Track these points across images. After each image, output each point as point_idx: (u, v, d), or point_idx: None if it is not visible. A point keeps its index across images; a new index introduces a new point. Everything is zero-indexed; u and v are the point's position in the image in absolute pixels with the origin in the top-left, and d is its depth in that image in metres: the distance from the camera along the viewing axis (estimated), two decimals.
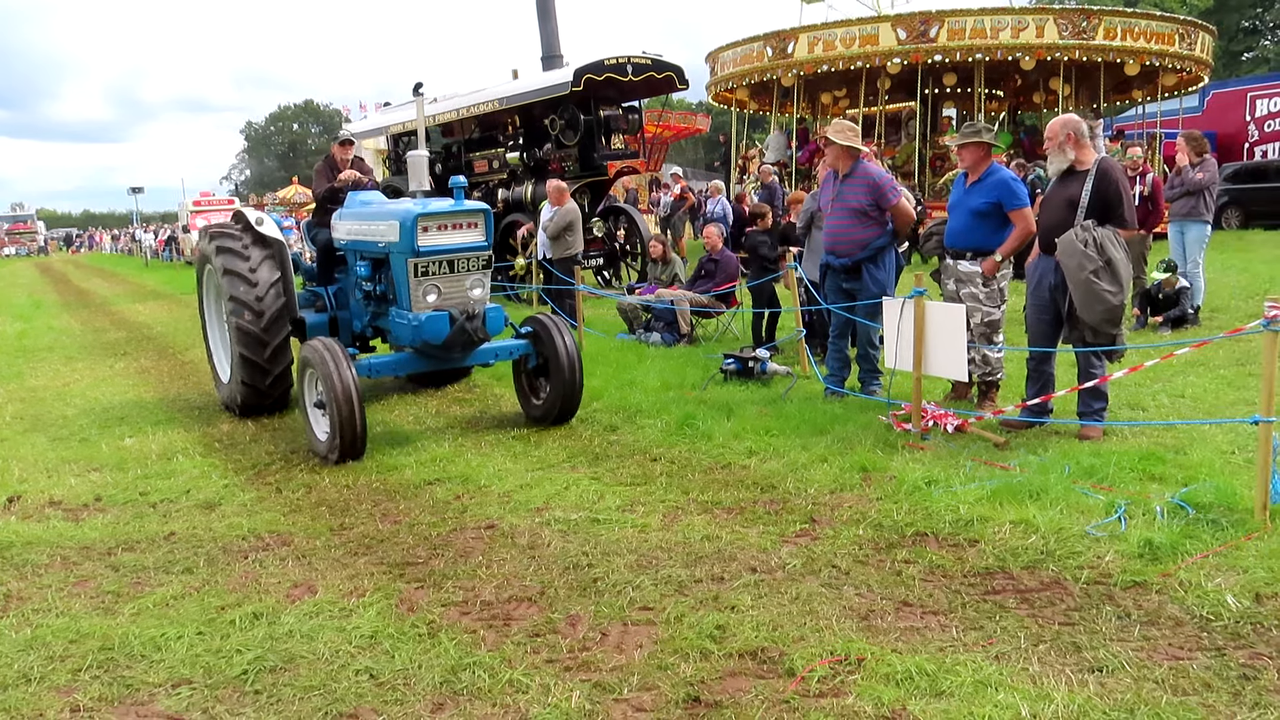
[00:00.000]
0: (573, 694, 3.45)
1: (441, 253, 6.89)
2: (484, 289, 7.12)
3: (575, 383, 7.23)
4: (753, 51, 22.82)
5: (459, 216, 6.95)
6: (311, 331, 8.14)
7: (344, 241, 8.03)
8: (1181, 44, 21.16)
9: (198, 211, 39.33)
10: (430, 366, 7.43)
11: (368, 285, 7.74)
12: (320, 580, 4.63)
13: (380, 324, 7.88)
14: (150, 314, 19.31)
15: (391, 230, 6.97)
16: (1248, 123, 29.06)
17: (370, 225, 7.43)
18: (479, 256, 7.08)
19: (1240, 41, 47.78)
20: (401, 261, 6.94)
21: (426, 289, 6.91)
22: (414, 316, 6.89)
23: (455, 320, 6.79)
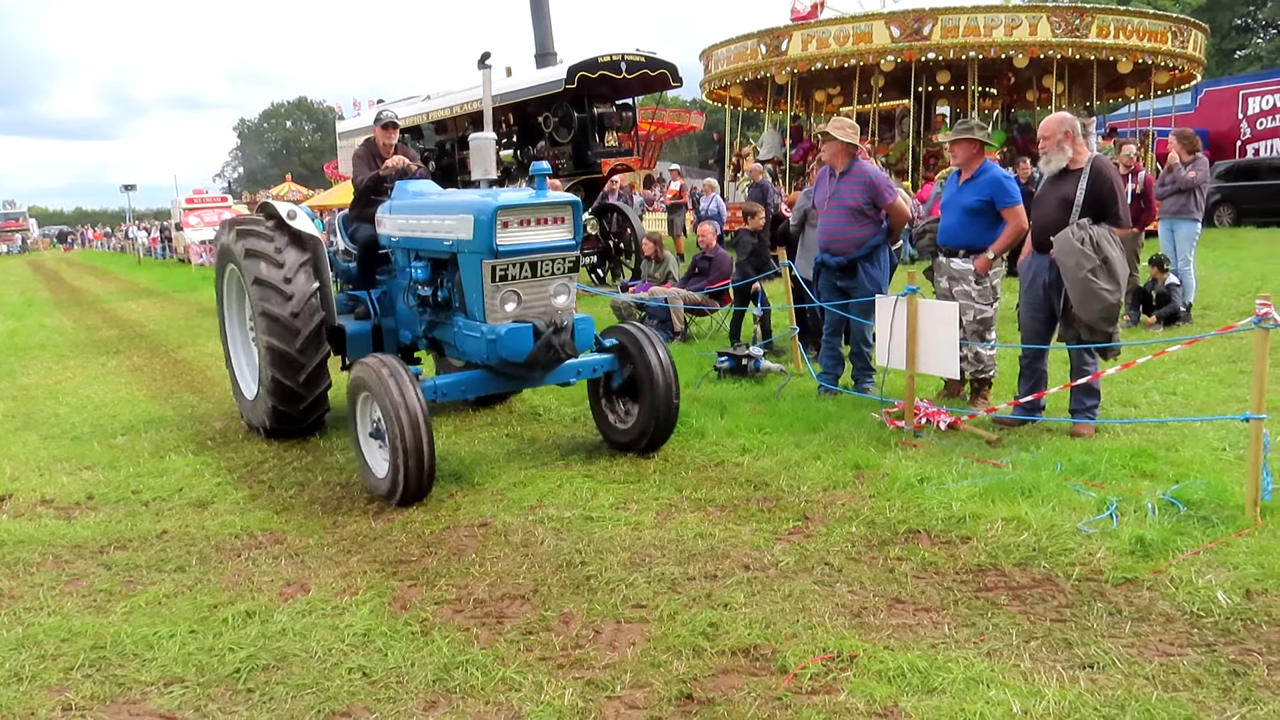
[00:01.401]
0: (565, 692, 3.45)
1: (523, 253, 5.79)
2: (569, 296, 6.05)
3: (671, 403, 6.26)
4: (746, 49, 22.83)
5: (544, 210, 5.83)
6: (352, 342, 7.10)
7: (394, 239, 6.84)
8: (1174, 42, 21.22)
9: (190, 209, 39.28)
10: (504, 387, 6.37)
11: (424, 290, 6.53)
12: (313, 578, 4.62)
13: (438, 335, 6.72)
14: (143, 312, 19.26)
15: (462, 226, 5.83)
16: (1240, 120, 29.17)
17: (431, 220, 6.30)
18: (565, 258, 5.98)
19: (1233, 39, 47.91)
20: (474, 263, 5.80)
21: (505, 296, 5.82)
22: (489, 329, 5.78)
23: (540, 334, 5.72)
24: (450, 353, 6.68)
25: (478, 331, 5.88)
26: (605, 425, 6.70)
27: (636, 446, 6.40)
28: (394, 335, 7.28)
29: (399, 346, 7.28)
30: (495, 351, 5.77)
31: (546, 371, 6.05)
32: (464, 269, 5.98)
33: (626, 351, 6.37)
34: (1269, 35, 48.79)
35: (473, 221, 5.72)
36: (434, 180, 7.79)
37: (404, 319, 7.13)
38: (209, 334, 14.53)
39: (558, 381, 6.30)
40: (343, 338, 7.08)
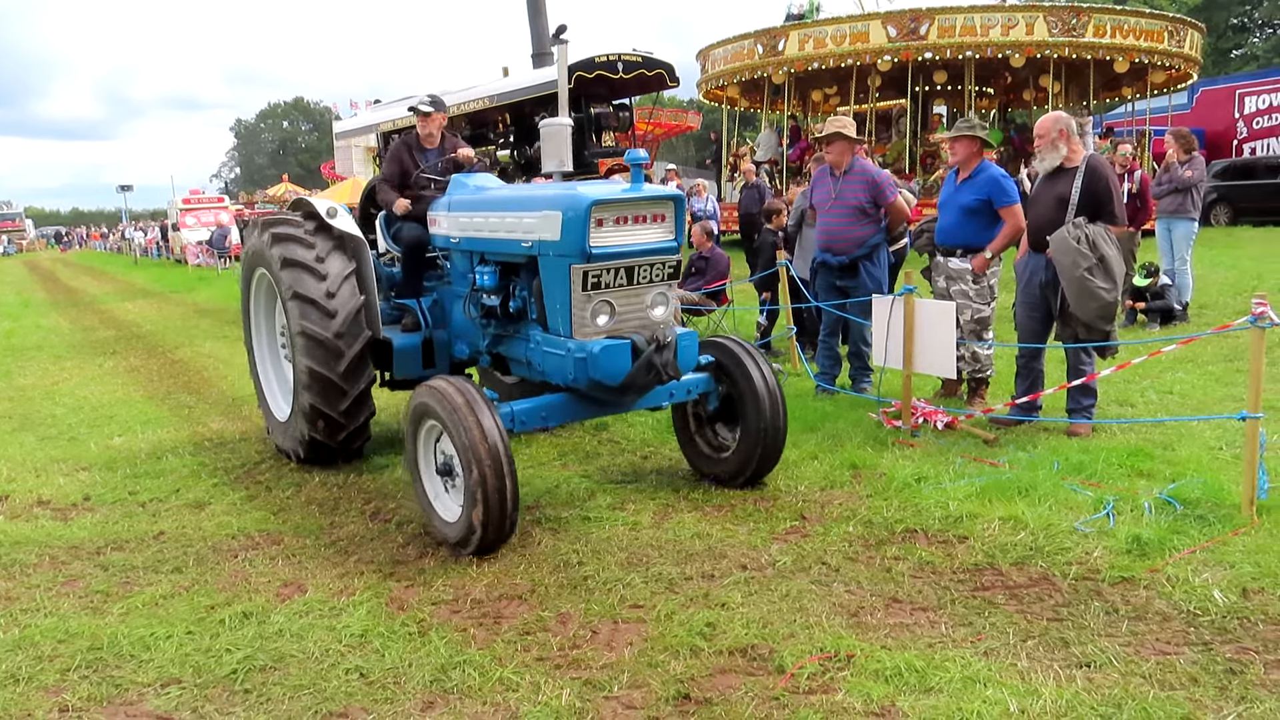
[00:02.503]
0: (563, 692, 3.45)
1: (620, 256, 4.92)
2: (668, 307, 5.18)
3: (779, 428, 5.48)
4: (743, 49, 22.82)
5: (642, 205, 4.97)
6: (399, 358, 6.34)
7: (454, 240, 6.03)
8: (1170, 41, 21.23)
9: (187, 210, 39.24)
10: (590, 413, 5.44)
11: (491, 299, 5.68)
12: (310, 579, 4.62)
13: (505, 350, 5.87)
14: (140, 312, 19.24)
15: (546, 224, 5.00)
16: (1236, 120, 29.18)
17: (504, 218, 5.45)
18: (665, 263, 5.10)
19: (1229, 39, 47.97)
20: (561, 268, 4.94)
21: (597, 308, 4.95)
22: (578, 346, 4.93)
23: (639, 352, 4.90)
24: (519, 370, 5.84)
25: (562, 348, 5.02)
26: (696, 456, 5.92)
27: (737, 479, 5.59)
28: (446, 349, 6.49)
29: (452, 362, 6.54)
30: (585, 372, 4.90)
31: (640, 395, 5.23)
32: (546, 275, 5.12)
33: (723, 369, 5.56)
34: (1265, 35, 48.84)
35: (561, 219, 4.86)
36: None
37: (460, 331, 6.32)
38: (206, 335, 14.53)
39: (648, 406, 5.46)
40: (388, 353, 6.31)
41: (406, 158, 6.68)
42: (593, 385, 4.99)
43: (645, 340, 4.92)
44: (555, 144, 6.09)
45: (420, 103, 6.73)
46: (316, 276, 5.98)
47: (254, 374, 7.24)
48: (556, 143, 6.07)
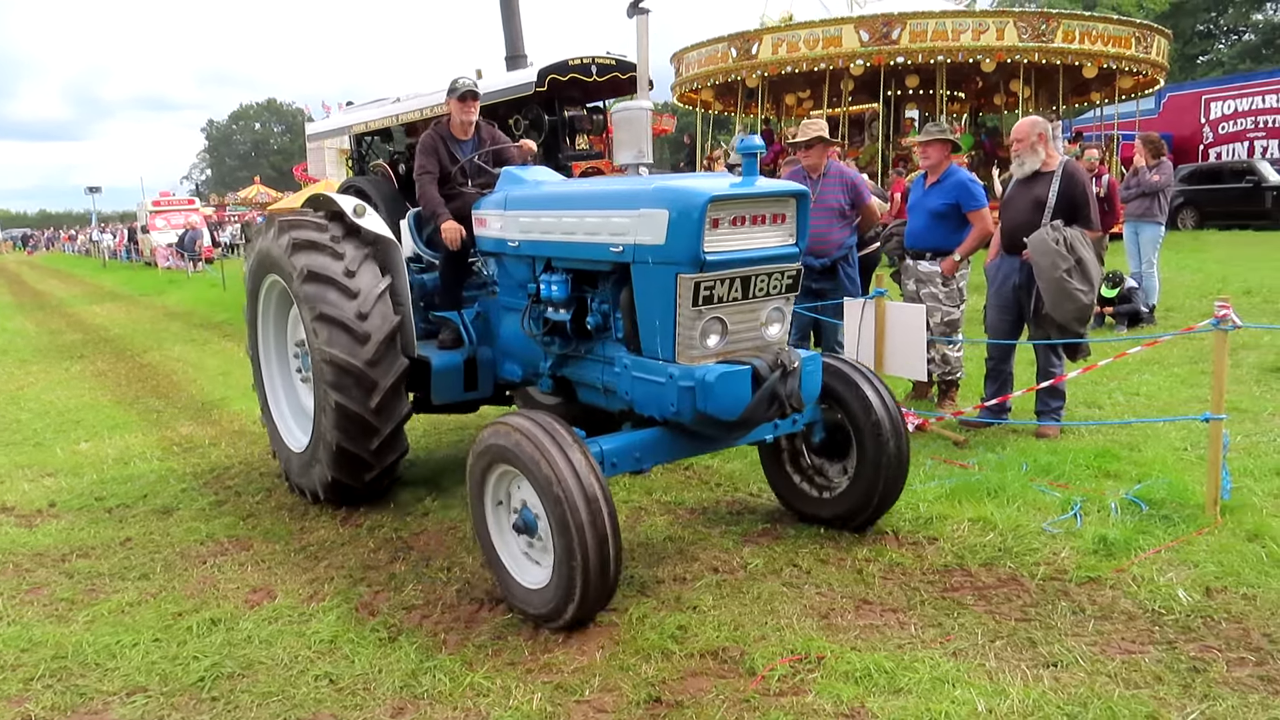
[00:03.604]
0: (534, 696, 3.45)
1: (737, 264, 4.09)
2: (784, 325, 4.39)
3: (903, 461, 4.70)
4: (717, 52, 22.91)
5: (763, 203, 4.16)
6: (440, 381, 5.47)
7: (512, 244, 5.12)
8: (1138, 47, 21.51)
9: (157, 212, 38.82)
10: (691, 451, 4.60)
11: (558, 313, 4.82)
12: (279, 585, 4.58)
13: (572, 373, 5.02)
14: (108, 315, 19.01)
15: (646, 225, 4.13)
16: (1203, 125, 29.63)
17: (584, 218, 4.56)
18: (785, 272, 4.27)
19: (1195, 45, 48.63)
20: (664, 279, 4.08)
21: (708, 326, 4.12)
22: (683, 372, 4.07)
23: (761, 379, 4.07)
24: (591, 397, 4.99)
25: (661, 374, 4.15)
26: (795, 496, 5.06)
27: (851, 522, 4.82)
28: (491, 369, 5.66)
29: (496, 383, 5.74)
30: (693, 404, 4.03)
31: (751, 430, 4.40)
32: (642, 286, 4.24)
33: (833, 393, 4.72)
34: (1230, 41, 49.59)
35: (667, 219, 4.02)
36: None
37: (512, 348, 5.47)
38: (175, 338, 14.39)
39: (750, 441, 4.65)
40: (426, 374, 5.45)
41: (444, 151, 5.74)
42: (700, 419, 4.10)
43: (768, 365, 4.09)
44: (634, 131, 5.03)
45: (462, 81, 5.77)
46: (346, 294, 5.16)
47: (260, 392, 6.34)
48: (635, 129, 5.02)
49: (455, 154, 5.78)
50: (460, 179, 5.77)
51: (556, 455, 3.76)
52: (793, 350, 4.29)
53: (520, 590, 4.07)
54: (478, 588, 4.43)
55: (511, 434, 3.92)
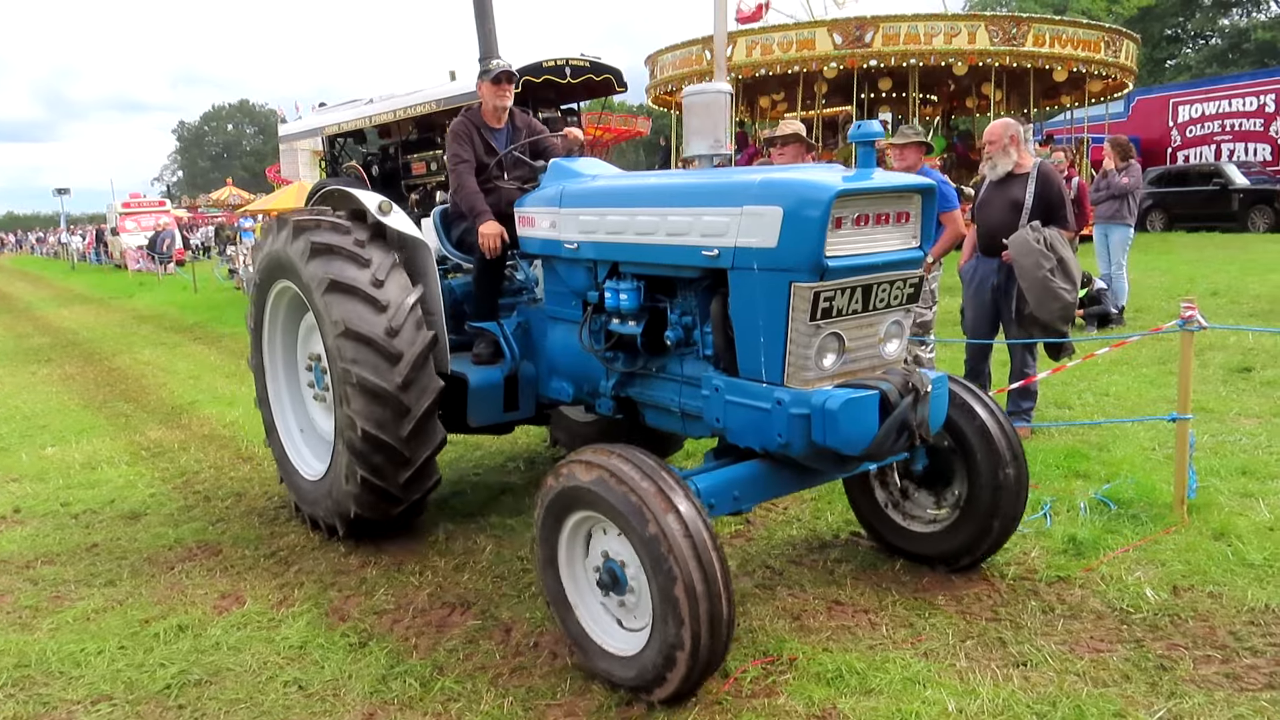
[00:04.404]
0: (505, 700, 3.43)
1: (859, 271, 3.55)
2: (902, 341, 3.84)
3: (1021, 491, 4.14)
4: (691, 55, 22.97)
5: (887, 200, 3.60)
6: (477, 401, 4.88)
7: (569, 245, 4.50)
8: (1107, 51, 21.76)
9: (127, 214, 38.39)
10: (793, 486, 4.02)
11: (628, 325, 4.24)
12: (248, 590, 4.54)
13: (642, 394, 4.43)
14: (76, 319, 18.77)
15: (752, 224, 3.55)
16: (1171, 128, 30.00)
17: (668, 216, 3.95)
18: (907, 280, 3.74)
19: (1163, 49, 49.25)
20: (773, 287, 3.51)
21: (825, 343, 3.56)
22: (796, 397, 3.50)
23: (890, 405, 3.49)
24: (662, 421, 4.43)
25: (765, 399, 3.58)
26: (891, 531, 4.50)
27: (961, 558, 4.25)
28: (533, 387, 5.07)
29: (538, 403, 5.15)
30: (808, 435, 3.47)
31: (863, 463, 3.86)
32: (743, 296, 3.66)
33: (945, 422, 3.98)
34: (1198, 46, 50.26)
35: (780, 217, 3.45)
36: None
37: (561, 365, 4.88)
38: (145, 341, 14.22)
39: (849, 473, 4.09)
40: (463, 393, 4.88)
41: (479, 140, 5.14)
42: (815, 453, 3.54)
43: (897, 390, 3.51)
44: (710, 118, 4.41)
45: (495, 63, 5.17)
46: (374, 307, 4.59)
47: (265, 411, 5.71)
48: (712, 116, 4.40)
49: (491, 143, 5.18)
50: (496, 172, 5.14)
51: (658, 503, 3.17)
52: (921, 371, 3.70)
53: (604, 657, 3.49)
54: (449, 592, 4.40)
55: (599, 474, 3.32)
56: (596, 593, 3.58)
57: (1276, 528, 4.55)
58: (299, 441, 5.54)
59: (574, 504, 3.48)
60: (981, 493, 4.11)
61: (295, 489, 5.40)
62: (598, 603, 3.59)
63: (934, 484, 4.39)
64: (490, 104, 5.19)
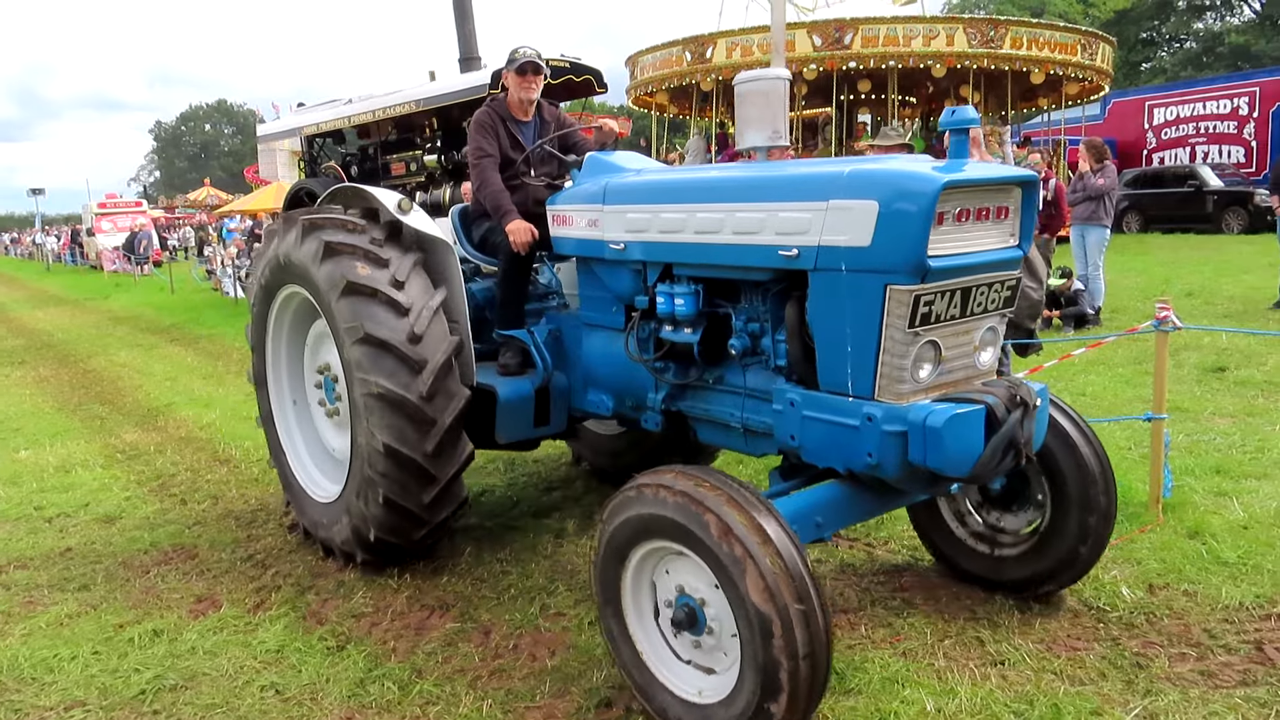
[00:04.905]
0: (484, 703, 3.42)
1: (959, 272, 3.24)
2: (996, 349, 3.54)
3: (1111, 512, 3.82)
4: (672, 56, 22.98)
5: (988, 194, 3.31)
6: (507, 416, 4.52)
7: (615, 246, 4.13)
8: (1084, 54, 21.95)
9: (103, 214, 38.04)
10: (873, 510, 3.72)
11: (684, 332, 3.92)
12: (225, 594, 4.50)
13: (695, 408, 4.10)
14: (51, 320, 18.57)
15: (843, 221, 3.21)
16: (1146, 131, 30.26)
17: (735, 212, 3.60)
18: (1005, 282, 3.43)
19: (1139, 52, 49.72)
20: (865, 291, 3.19)
21: (922, 352, 3.25)
22: (889, 413, 3.17)
23: (998, 420, 3.17)
24: (715, 437, 4.14)
25: (853, 415, 3.25)
26: (960, 551, 4.16)
27: (1037, 587, 3.93)
28: (565, 400, 4.72)
29: (570, 416, 4.80)
30: (903, 454, 3.15)
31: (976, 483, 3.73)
32: (826, 300, 3.33)
33: None
34: (1173, 49, 50.78)
35: (876, 212, 3.12)
36: None
37: (600, 376, 4.53)
38: (121, 343, 14.09)
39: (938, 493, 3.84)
40: (491, 406, 4.50)
41: (504, 134, 4.82)
42: (910, 473, 3.20)
43: (1004, 404, 3.19)
44: (768, 106, 4.04)
45: (522, 51, 4.83)
46: (395, 310, 4.23)
47: (269, 428, 5.30)
48: (770, 104, 4.03)
49: (517, 137, 4.86)
50: (523, 168, 4.83)
51: (748, 531, 2.80)
52: (1025, 383, 3.39)
53: (679, 706, 3.12)
54: (428, 594, 4.38)
55: (675, 498, 2.96)
56: (668, 633, 3.23)
57: (1250, 526, 4.60)
58: (306, 462, 5.15)
59: (644, 533, 3.11)
60: (1069, 515, 3.78)
61: (305, 513, 4.98)
62: (668, 643, 3.25)
63: (1010, 503, 4.03)
64: (516, 95, 4.86)
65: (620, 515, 3.15)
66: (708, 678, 3.13)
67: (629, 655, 3.27)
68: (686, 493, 2.94)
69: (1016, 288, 3.50)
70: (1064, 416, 3.81)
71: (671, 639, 3.23)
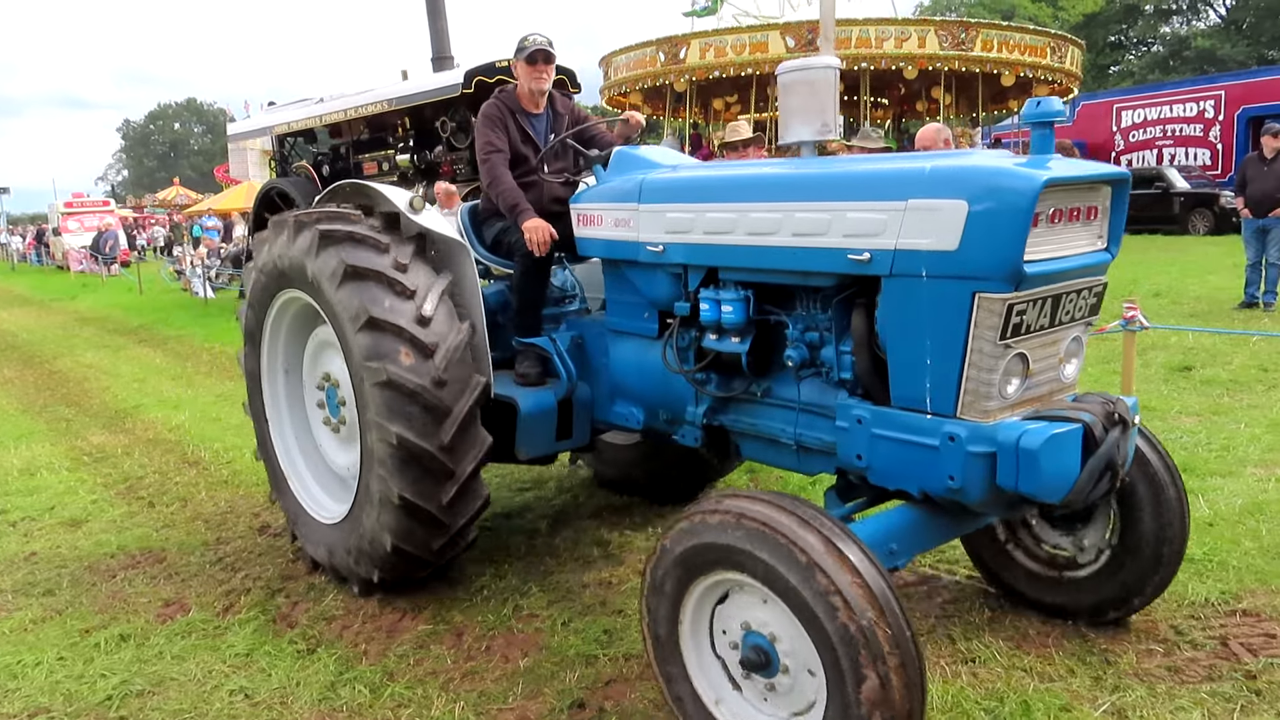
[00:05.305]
0: (456, 705, 3.40)
1: (1051, 279, 2.96)
2: (1080, 360, 3.33)
3: (1184, 530, 3.60)
4: (645, 56, 23.04)
5: (1079, 193, 3.04)
6: (529, 428, 4.24)
7: (653, 248, 3.83)
8: (1053, 56, 22.23)
9: (70, 214, 37.54)
10: (945, 535, 3.45)
11: (728, 341, 3.63)
12: (194, 598, 4.45)
13: (739, 422, 3.82)
14: (16, 321, 18.30)
15: (925, 222, 2.93)
16: (1114, 133, 30.64)
17: (795, 212, 3.30)
18: (1093, 288, 3.23)
19: (1107, 55, 50.37)
20: (952, 299, 2.92)
21: (1010, 366, 2.97)
22: (975, 432, 2.91)
23: (1095, 440, 2.94)
24: (765, 454, 3.83)
25: (932, 434, 2.99)
26: (1018, 574, 3.89)
27: (1106, 613, 3.71)
28: (588, 411, 4.47)
29: (593, 428, 4.56)
30: (991, 477, 2.89)
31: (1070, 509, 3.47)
32: (903, 308, 3.05)
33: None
34: (1140, 52, 51.48)
35: (966, 213, 2.83)
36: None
37: (629, 387, 4.28)
38: (88, 344, 13.91)
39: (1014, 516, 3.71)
40: (512, 420, 4.22)
41: (513, 126, 4.57)
42: (996, 497, 2.96)
43: (1101, 422, 2.96)
44: (816, 97, 3.73)
45: (532, 39, 4.59)
46: (400, 293, 3.93)
47: (266, 450, 4.89)
48: (819, 95, 3.73)
49: (528, 130, 4.61)
50: (537, 163, 4.56)
51: (829, 558, 2.54)
52: (1120, 398, 3.18)
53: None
54: (400, 596, 4.34)
55: (744, 525, 2.69)
56: (735, 675, 2.93)
57: (1215, 524, 4.66)
58: (310, 484, 4.77)
59: (707, 565, 2.82)
60: (1142, 536, 3.54)
61: (313, 540, 4.59)
62: (726, 681, 2.96)
63: (1070, 522, 3.74)
64: (526, 86, 4.59)
65: (682, 545, 2.85)
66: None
67: (687, 695, 2.96)
68: (764, 522, 2.65)
69: (1103, 294, 3.29)
70: (1146, 441, 3.59)
71: (729, 675, 2.94)
